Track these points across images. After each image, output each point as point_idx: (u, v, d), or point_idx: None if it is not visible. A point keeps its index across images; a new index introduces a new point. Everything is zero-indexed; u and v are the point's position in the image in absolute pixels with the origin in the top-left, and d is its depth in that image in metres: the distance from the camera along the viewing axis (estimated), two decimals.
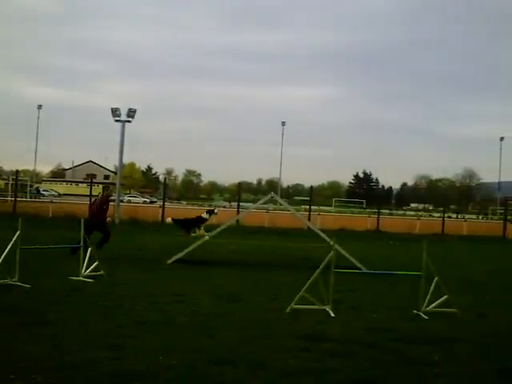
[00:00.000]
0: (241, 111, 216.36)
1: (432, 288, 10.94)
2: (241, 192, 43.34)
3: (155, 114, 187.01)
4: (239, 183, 42.39)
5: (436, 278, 10.94)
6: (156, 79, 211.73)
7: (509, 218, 45.48)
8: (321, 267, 10.68)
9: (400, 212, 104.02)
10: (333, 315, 10.30)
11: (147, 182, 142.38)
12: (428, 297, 10.88)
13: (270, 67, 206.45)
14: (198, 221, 18.50)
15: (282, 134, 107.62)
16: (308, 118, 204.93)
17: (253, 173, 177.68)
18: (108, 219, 18.18)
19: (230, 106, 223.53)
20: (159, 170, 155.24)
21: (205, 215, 18.57)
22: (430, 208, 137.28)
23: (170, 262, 16.58)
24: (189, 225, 18.65)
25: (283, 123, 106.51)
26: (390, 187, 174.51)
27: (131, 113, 35.54)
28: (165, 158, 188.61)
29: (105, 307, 10.22)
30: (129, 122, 35.72)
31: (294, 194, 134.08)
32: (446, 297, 10.96)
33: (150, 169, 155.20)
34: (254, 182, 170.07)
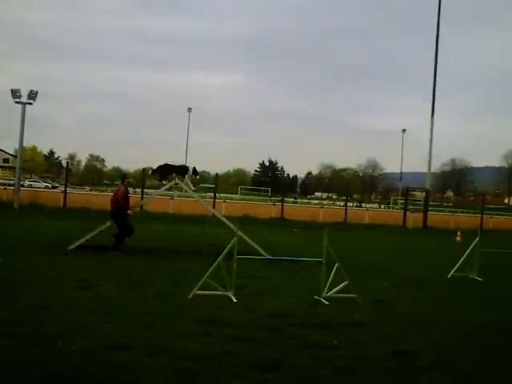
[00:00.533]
0: (149, 97, 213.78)
1: (332, 274, 11.19)
2: (145, 178, 42.86)
3: (60, 97, 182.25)
4: (143, 169, 41.87)
5: (336, 264, 11.20)
6: (63, 62, 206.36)
7: (409, 207, 46.95)
8: (223, 253, 10.74)
9: (305, 200, 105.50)
10: (235, 301, 10.38)
11: (49, 166, 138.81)
12: (329, 283, 11.12)
13: (180, 53, 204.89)
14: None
15: (189, 121, 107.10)
16: (215, 105, 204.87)
17: (159, 159, 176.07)
18: (129, 211, 17.29)
19: (138, 92, 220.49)
20: (62, 154, 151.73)
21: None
22: (334, 197, 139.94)
23: (71, 247, 16.26)
24: None
25: (189, 109, 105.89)
26: (295, 176, 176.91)
27: (32, 95, 34.46)
28: (69, 143, 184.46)
29: (3, 294, 9.92)
30: (30, 104, 34.63)
31: (200, 181, 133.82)
32: (346, 283, 11.23)
33: (52, 153, 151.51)
34: None
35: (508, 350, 8.23)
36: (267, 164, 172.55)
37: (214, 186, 44.55)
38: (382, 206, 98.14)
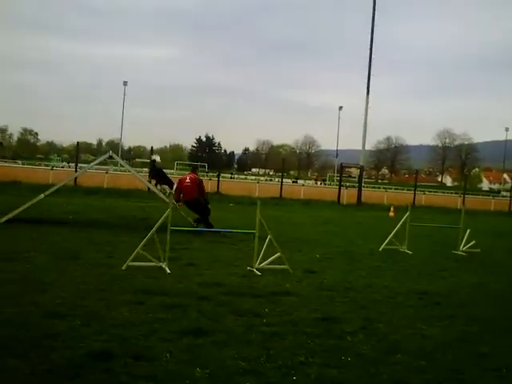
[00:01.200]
0: (83, 70, 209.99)
1: (265, 246, 11.41)
2: (80, 152, 42.33)
3: None
4: (78, 143, 41.35)
5: (269, 236, 11.42)
6: None
7: (344, 184, 47.63)
8: (157, 225, 10.82)
9: (241, 176, 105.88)
10: (169, 272, 10.50)
11: None
12: (261, 254, 11.34)
13: (115, 25, 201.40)
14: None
15: (124, 94, 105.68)
16: (151, 78, 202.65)
17: (93, 133, 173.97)
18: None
19: (71, 64, 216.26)
20: None
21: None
22: (271, 173, 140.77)
23: (2, 221, 16.04)
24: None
25: (125, 83, 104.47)
26: (232, 152, 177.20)
27: None
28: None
29: None
30: None
31: (136, 156, 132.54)
32: (278, 254, 11.47)
33: None
34: (95, 142, 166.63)
35: (430, 317, 8.59)
36: (204, 139, 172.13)
37: (149, 160, 44.30)
38: (319, 183, 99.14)
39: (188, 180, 17.71)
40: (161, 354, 6.05)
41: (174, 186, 18.29)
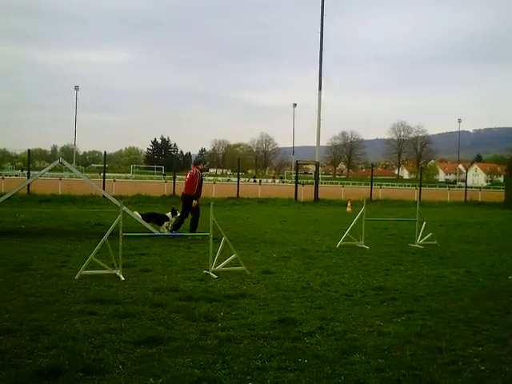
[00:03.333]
0: (32, 76, 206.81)
1: (220, 248, 11.28)
2: (34, 160, 41.71)
3: None
4: (29, 150, 40.71)
5: (224, 238, 11.29)
6: None
7: (301, 181, 47.74)
8: (109, 231, 10.64)
9: None
10: (123, 279, 10.31)
11: None
12: (217, 256, 11.21)
13: (64, 30, 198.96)
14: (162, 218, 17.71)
15: (76, 99, 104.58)
16: (103, 83, 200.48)
17: (47, 140, 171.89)
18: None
19: (19, 70, 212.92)
20: None
21: (168, 214, 17.69)
22: (229, 173, 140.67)
23: None
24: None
25: (76, 88, 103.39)
26: (189, 153, 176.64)
27: None
28: None
29: None
30: None
31: (92, 161, 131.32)
32: (234, 256, 11.35)
33: None
34: (49, 149, 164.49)
35: (388, 313, 8.56)
36: (159, 142, 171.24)
37: (103, 166, 43.79)
38: (277, 181, 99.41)
39: (188, 176, 18.04)
40: (113, 366, 5.88)
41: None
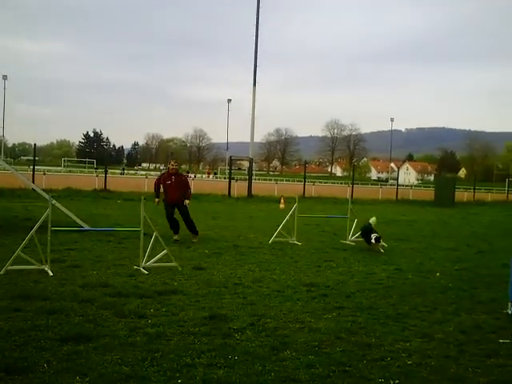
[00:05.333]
0: None
1: (151, 244, 11.14)
2: None
3: None
4: None
5: (155, 233, 11.15)
6: None
7: (235, 176, 47.66)
8: (37, 225, 10.37)
9: (131, 172, 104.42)
10: (51, 274, 10.07)
11: None
12: (148, 252, 11.07)
13: None
14: None
15: (4, 89, 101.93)
16: (35, 73, 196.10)
17: None
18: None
19: None
20: None
21: None
22: (162, 168, 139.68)
23: None
24: None
25: (5, 77, 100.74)
26: (121, 147, 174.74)
27: None
28: None
29: None
30: None
31: (22, 154, 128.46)
32: (165, 251, 11.24)
33: None
34: None
35: (318, 309, 8.60)
36: (92, 135, 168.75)
37: (33, 158, 42.82)
38: (210, 176, 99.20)
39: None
40: (37, 364, 5.72)
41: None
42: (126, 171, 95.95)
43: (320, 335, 7.20)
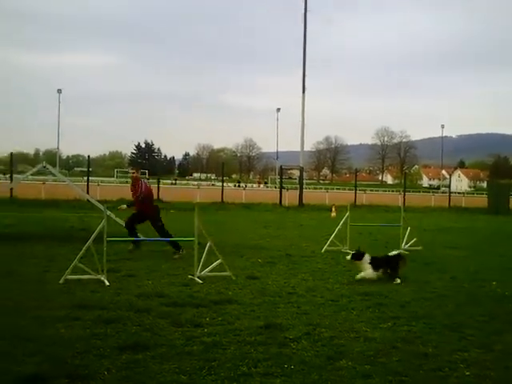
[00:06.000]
0: (15, 78, 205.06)
1: (205, 253, 11.23)
2: (16, 163, 41.45)
3: None
4: (11, 154, 40.49)
5: (209, 243, 11.25)
6: None
7: (286, 186, 47.73)
8: (93, 236, 10.58)
9: (183, 182, 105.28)
10: (108, 284, 10.24)
11: None
12: (202, 261, 11.16)
13: (48, 33, 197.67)
14: None
15: (59, 102, 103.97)
16: (88, 87, 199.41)
17: (30, 143, 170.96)
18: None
19: (1, 72, 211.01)
20: None
21: None
22: (213, 177, 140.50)
23: None
24: None
25: (59, 91, 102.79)
26: (173, 157, 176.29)
27: None
28: None
29: None
30: None
31: (75, 165, 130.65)
32: (219, 261, 11.32)
33: None
34: (32, 152, 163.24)
35: (373, 319, 8.55)
36: (143, 146, 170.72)
37: (86, 170, 43.54)
38: (261, 186, 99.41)
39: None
40: (98, 372, 5.84)
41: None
42: (177, 181, 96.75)
43: (376, 345, 7.16)
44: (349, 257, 12.23)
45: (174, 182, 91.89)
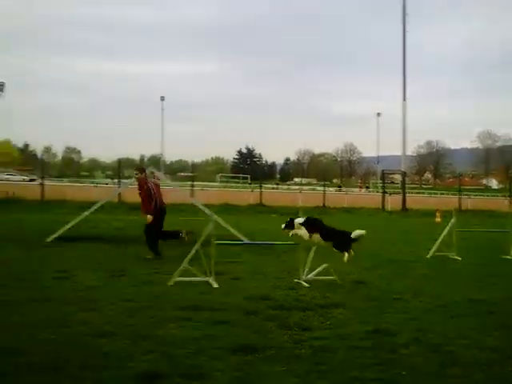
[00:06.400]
0: (118, 87, 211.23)
1: (311, 257, 11.28)
2: (122, 169, 42.84)
3: (25, 89, 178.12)
4: (119, 159, 41.89)
5: (314, 247, 11.28)
6: (26, 53, 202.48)
7: (388, 190, 47.17)
8: (201, 239, 10.83)
9: (285, 187, 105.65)
10: (216, 286, 10.45)
11: (25, 159, 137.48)
12: (308, 265, 11.21)
13: (146, 43, 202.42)
14: None
15: (162, 109, 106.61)
16: (188, 94, 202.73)
17: (135, 149, 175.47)
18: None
19: (107, 82, 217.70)
20: (36, 146, 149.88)
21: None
22: (314, 182, 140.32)
23: (49, 239, 16.21)
24: None
25: (162, 98, 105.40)
26: (274, 162, 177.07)
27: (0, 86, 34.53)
28: (41, 135, 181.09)
29: None
30: None
31: (178, 170, 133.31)
32: (325, 265, 11.33)
33: (26, 146, 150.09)
34: (137, 158, 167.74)
35: (484, 326, 8.35)
36: (245, 151, 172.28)
37: (192, 174, 44.49)
38: (362, 190, 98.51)
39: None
40: (211, 372, 5.97)
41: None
42: (279, 186, 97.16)
43: (489, 353, 6.98)
44: (283, 226, 11.99)
45: (276, 186, 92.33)
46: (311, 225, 11.66)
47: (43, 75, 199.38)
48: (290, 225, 11.84)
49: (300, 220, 11.71)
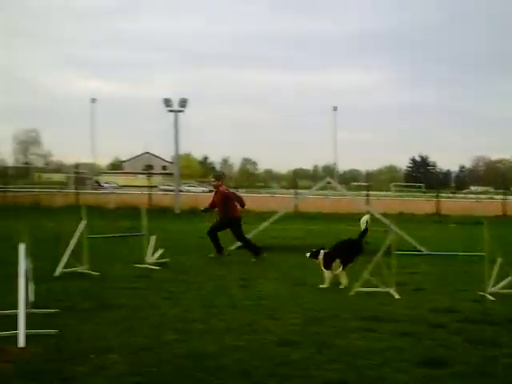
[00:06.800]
0: (291, 98, 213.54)
1: (496, 269, 10.83)
2: (297, 179, 43.43)
3: (204, 102, 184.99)
4: (295, 170, 42.61)
5: (499, 259, 10.83)
6: (204, 68, 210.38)
7: None
8: (382, 250, 10.73)
9: (460, 195, 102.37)
10: (397, 297, 10.33)
11: (204, 171, 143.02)
12: (493, 278, 10.79)
13: (315, 53, 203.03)
14: None
15: (335, 120, 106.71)
16: (360, 103, 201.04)
17: (308, 159, 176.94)
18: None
19: (280, 94, 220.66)
20: (215, 158, 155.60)
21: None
22: (491, 190, 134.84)
23: (233, 248, 16.69)
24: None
25: (335, 108, 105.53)
26: (448, 170, 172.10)
27: (183, 102, 36.08)
28: (218, 147, 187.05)
29: (171, 293, 10.48)
30: (181, 111, 36.36)
31: (351, 180, 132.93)
32: (510, 278, 10.86)
33: (206, 158, 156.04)
34: (310, 168, 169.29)
35: None
36: (418, 159, 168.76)
37: (365, 183, 44.26)
38: None
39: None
40: None
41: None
42: (455, 194, 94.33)
43: None
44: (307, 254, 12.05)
45: (452, 194, 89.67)
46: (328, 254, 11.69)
47: (218, 89, 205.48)
48: (315, 255, 11.90)
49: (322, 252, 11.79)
